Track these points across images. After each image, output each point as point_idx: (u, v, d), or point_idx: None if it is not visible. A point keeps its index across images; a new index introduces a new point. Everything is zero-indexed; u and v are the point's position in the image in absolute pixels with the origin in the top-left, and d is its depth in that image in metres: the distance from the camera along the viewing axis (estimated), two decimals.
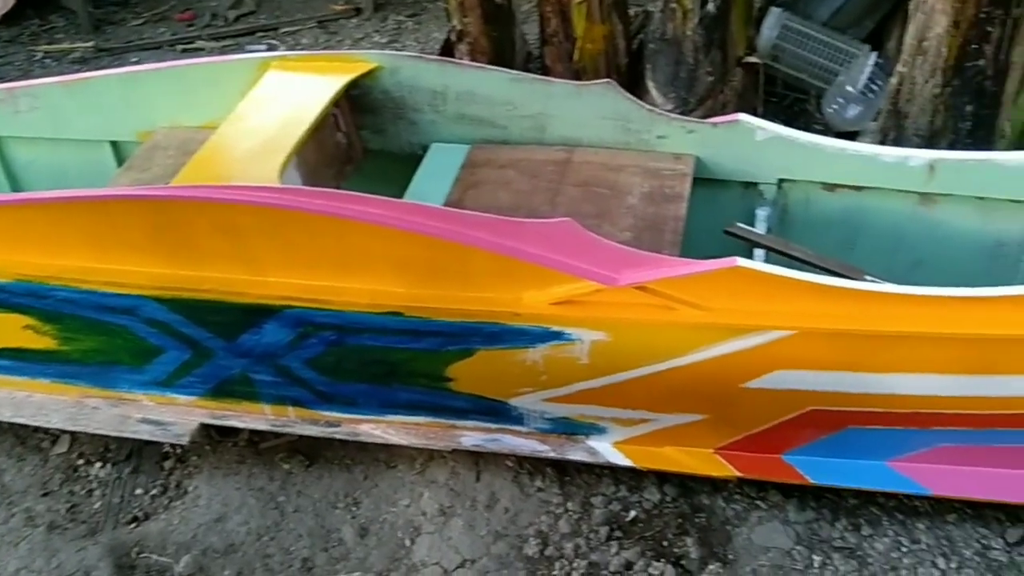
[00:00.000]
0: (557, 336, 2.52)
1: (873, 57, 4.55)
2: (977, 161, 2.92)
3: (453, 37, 4.28)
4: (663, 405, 2.72)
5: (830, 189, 3.10)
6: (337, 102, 3.11)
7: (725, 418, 2.73)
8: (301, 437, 3.12)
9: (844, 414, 2.63)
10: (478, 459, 3.06)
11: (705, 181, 3.14)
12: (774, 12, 4.64)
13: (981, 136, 3.94)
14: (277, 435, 3.17)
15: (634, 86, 4.37)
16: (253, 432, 3.18)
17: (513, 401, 2.78)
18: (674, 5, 3.98)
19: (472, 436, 2.90)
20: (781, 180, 3.11)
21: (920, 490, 2.77)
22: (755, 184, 3.15)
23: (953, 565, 2.74)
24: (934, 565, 2.75)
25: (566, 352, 2.55)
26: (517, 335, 2.54)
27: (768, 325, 2.40)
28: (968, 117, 3.89)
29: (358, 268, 2.55)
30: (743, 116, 3.03)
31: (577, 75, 4.23)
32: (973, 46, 3.72)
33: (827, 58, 4.59)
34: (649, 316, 2.47)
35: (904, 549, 2.79)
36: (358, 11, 6.45)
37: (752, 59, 4.20)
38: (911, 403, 2.55)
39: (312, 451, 3.17)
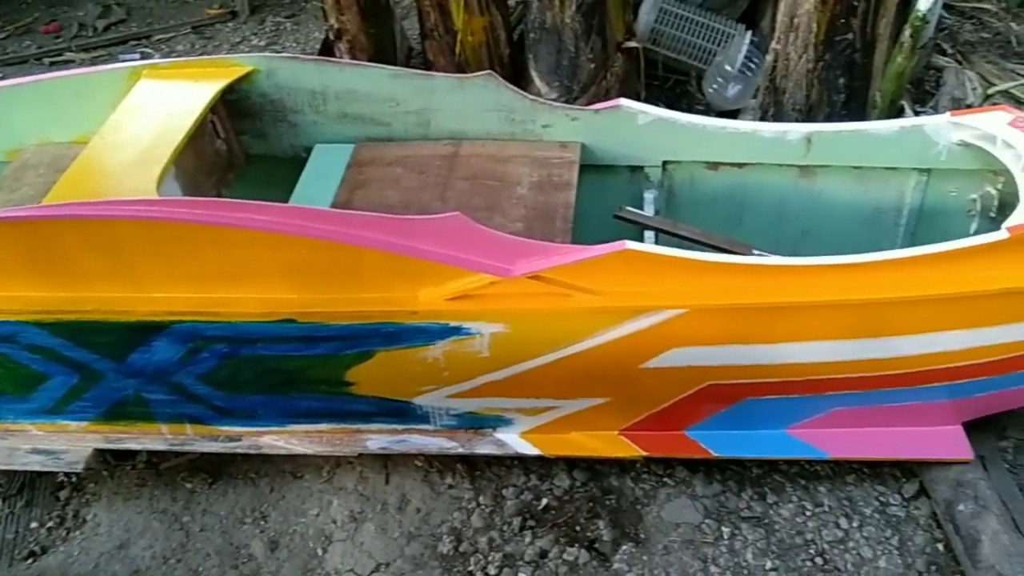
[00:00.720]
0: (456, 331, 2.50)
1: (748, 36, 4.66)
2: (851, 132, 3.02)
3: (331, 36, 4.20)
4: (566, 392, 2.73)
5: (713, 168, 3.17)
6: (214, 108, 3.02)
7: (627, 399, 2.76)
8: (202, 454, 3.03)
9: (741, 386, 2.69)
10: (386, 461, 3.02)
11: (592, 167, 3.17)
12: None
13: (855, 107, 4.08)
14: (177, 454, 3.06)
15: (519, 76, 4.38)
16: (152, 453, 3.07)
17: (417, 400, 2.75)
18: None
19: (378, 439, 2.86)
20: (666, 162, 3.16)
21: (819, 454, 2.86)
22: (641, 167, 3.19)
23: (855, 524, 2.84)
24: (837, 526, 2.84)
25: (466, 347, 2.53)
26: (415, 333, 2.51)
27: (661, 305, 2.44)
28: (842, 90, 4.02)
29: (246, 277, 2.48)
30: (624, 101, 3.07)
31: (460, 68, 4.21)
32: (841, 20, 3.85)
33: (705, 39, 4.68)
34: (545, 305, 2.47)
35: (808, 513, 2.88)
36: (234, 14, 6.28)
37: (632, 44, 4.25)
38: (804, 371, 2.62)
39: (215, 468, 3.08)
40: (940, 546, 2.77)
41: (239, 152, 3.26)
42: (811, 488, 2.94)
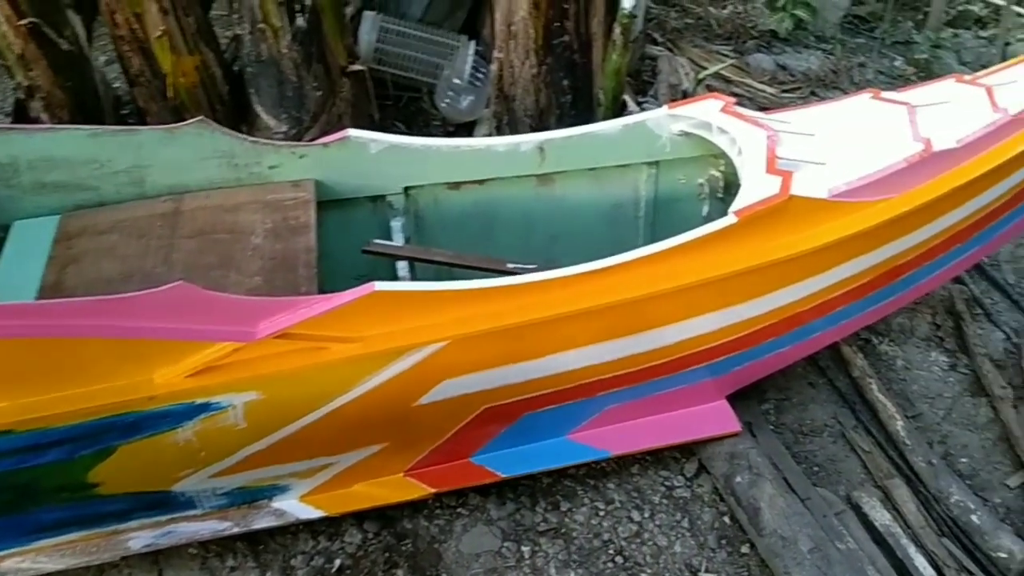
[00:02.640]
0: (204, 408, 2.27)
1: (472, 47, 4.67)
2: (580, 136, 3.06)
3: (22, 95, 3.77)
4: (340, 446, 2.58)
5: (455, 187, 3.11)
6: None
7: (406, 440, 2.65)
8: None
9: (517, 404, 2.65)
10: (157, 557, 2.73)
11: (332, 203, 3.02)
12: (368, 16, 4.61)
13: (582, 107, 4.19)
14: None
15: (244, 113, 4.14)
16: None
17: (177, 487, 2.49)
18: (263, 25, 3.80)
19: (141, 536, 2.57)
20: (407, 188, 3.07)
21: (601, 454, 2.88)
22: (382, 196, 3.08)
23: (647, 514, 2.89)
24: (631, 519, 2.88)
25: (219, 422, 2.31)
26: (158, 419, 2.26)
27: (421, 342, 2.34)
28: (567, 91, 4.11)
29: None
30: (352, 132, 2.94)
31: (177, 112, 3.92)
32: (556, 24, 3.93)
33: (430, 53, 4.64)
34: (299, 362, 2.31)
35: (602, 513, 2.90)
36: None
37: (356, 67, 4.12)
38: (575, 377, 2.62)
39: None
40: (726, 519, 2.88)
41: None
42: (600, 487, 2.96)
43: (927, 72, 5.39)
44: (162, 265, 2.61)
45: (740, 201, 2.53)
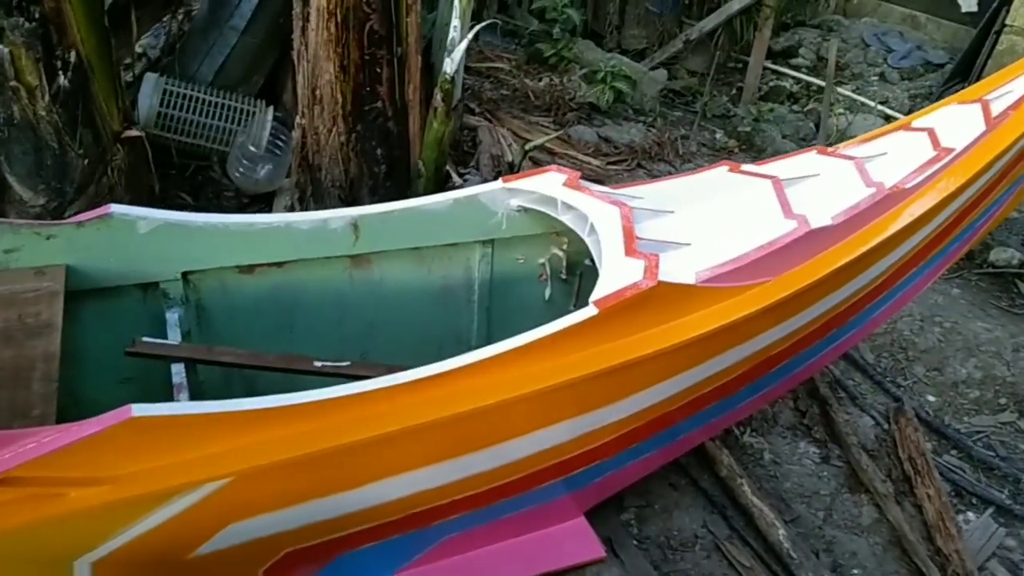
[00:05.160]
0: None
1: (271, 112, 4.16)
2: (403, 212, 2.61)
3: None
4: None
5: (247, 271, 2.57)
6: None
7: None
8: None
9: (329, 544, 2.11)
10: None
11: (89, 293, 2.40)
12: (149, 78, 4.01)
13: (399, 176, 3.75)
14: None
15: None
16: None
17: None
18: (15, 83, 3.13)
19: None
20: (186, 273, 2.50)
21: None
22: (156, 284, 2.49)
23: None
24: None
25: None
26: None
27: (196, 480, 1.77)
28: (381, 160, 3.67)
29: None
30: (116, 208, 2.35)
31: None
32: (367, 89, 3.50)
33: (221, 119, 4.09)
34: (28, 514, 1.68)
35: None
36: None
37: (133, 133, 3.51)
38: (401, 507, 2.12)
39: None
40: None
41: None
42: None
43: (749, 144, 5.36)
44: None
45: (601, 289, 2.14)
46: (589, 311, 2.09)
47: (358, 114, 3.53)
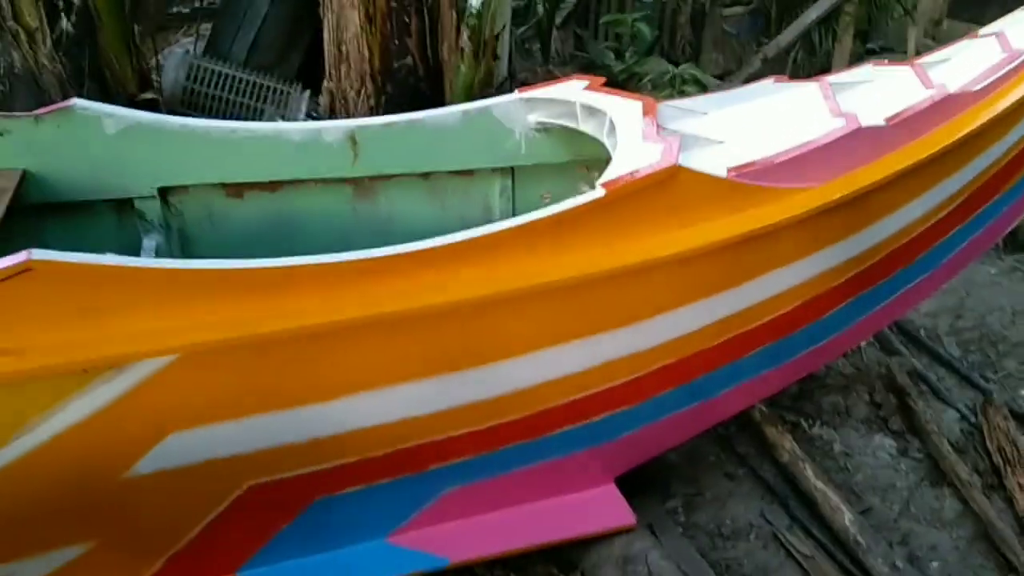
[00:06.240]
0: None
1: (307, 93, 3.93)
2: (405, 125, 2.28)
3: None
4: (6, 545, 1.59)
5: (236, 194, 2.25)
6: None
7: (122, 538, 1.68)
8: None
9: (301, 480, 1.73)
10: None
11: (54, 209, 2.12)
12: (175, 53, 3.83)
13: None
14: None
15: None
16: None
17: None
18: (13, 25, 2.94)
19: None
20: (164, 190, 2.19)
21: (436, 562, 1.95)
22: (130, 203, 2.19)
23: None
24: None
25: None
26: None
27: (125, 353, 1.42)
28: None
29: None
30: (79, 102, 2.07)
31: None
32: (395, 42, 3.22)
33: (253, 98, 3.87)
34: None
35: None
36: None
37: (148, 95, 3.30)
38: (385, 436, 1.73)
39: None
40: None
41: None
42: None
43: None
44: None
45: (610, 173, 1.76)
46: (595, 193, 1.70)
47: (387, 72, 3.25)
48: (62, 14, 3.00)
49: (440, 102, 3.41)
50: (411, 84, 3.31)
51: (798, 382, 2.78)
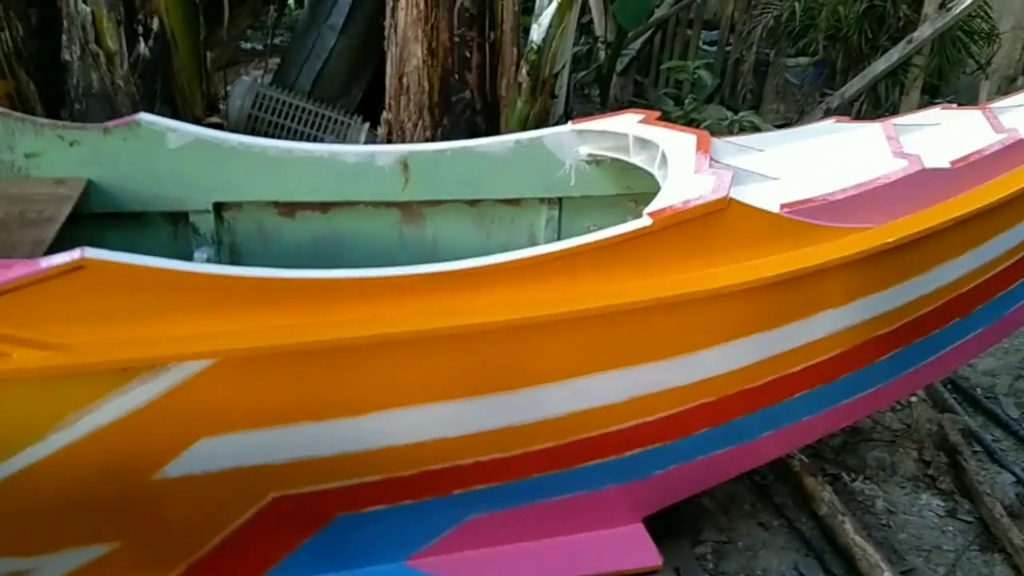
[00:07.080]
0: None
1: (366, 127, 4.02)
2: (456, 152, 2.33)
3: None
4: (36, 539, 1.63)
5: (288, 213, 2.31)
6: None
7: (146, 541, 1.71)
8: None
9: (326, 496, 1.75)
10: None
11: (113, 219, 2.20)
12: (243, 81, 3.96)
13: None
14: None
15: None
16: None
17: None
18: (95, 47, 3.08)
19: None
20: (219, 205, 2.27)
21: None
22: (185, 216, 2.27)
23: None
24: None
25: None
26: None
27: (168, 355, 1.46)
28: None
29: None
30: (145, 116, 2.16)
31: None
32: (455, 76, 3.29)
33: (315, 128, 3.97)
34: None
35: None
36: None
37: (214, 119, 3.41)
38: (412, 456, 1.74)
39: None
40: None
41: None
42: None
43: None
44: None
45: (658, 202, 1.77)
46: (641, 222, 1.71)
47: (445, 106, 3.32)
48: (141, 39, 3.13)
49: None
50: (467, 118, 3.37)
51: (841, 432, 2.73)
